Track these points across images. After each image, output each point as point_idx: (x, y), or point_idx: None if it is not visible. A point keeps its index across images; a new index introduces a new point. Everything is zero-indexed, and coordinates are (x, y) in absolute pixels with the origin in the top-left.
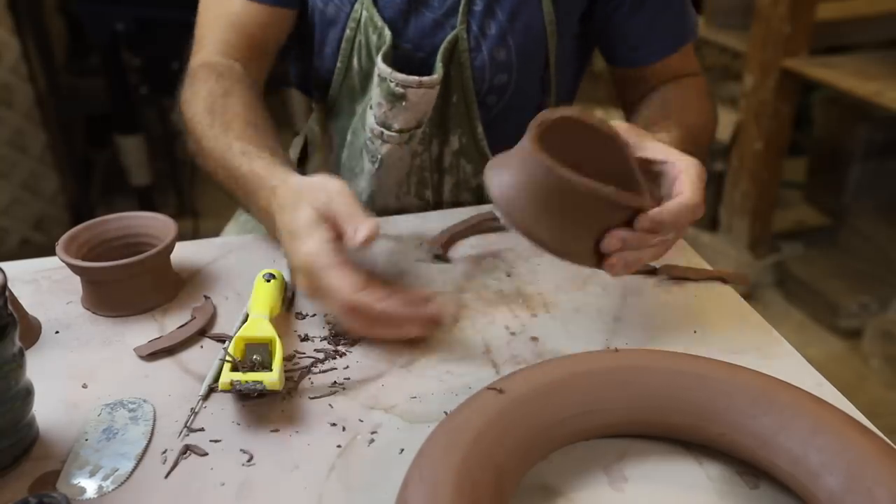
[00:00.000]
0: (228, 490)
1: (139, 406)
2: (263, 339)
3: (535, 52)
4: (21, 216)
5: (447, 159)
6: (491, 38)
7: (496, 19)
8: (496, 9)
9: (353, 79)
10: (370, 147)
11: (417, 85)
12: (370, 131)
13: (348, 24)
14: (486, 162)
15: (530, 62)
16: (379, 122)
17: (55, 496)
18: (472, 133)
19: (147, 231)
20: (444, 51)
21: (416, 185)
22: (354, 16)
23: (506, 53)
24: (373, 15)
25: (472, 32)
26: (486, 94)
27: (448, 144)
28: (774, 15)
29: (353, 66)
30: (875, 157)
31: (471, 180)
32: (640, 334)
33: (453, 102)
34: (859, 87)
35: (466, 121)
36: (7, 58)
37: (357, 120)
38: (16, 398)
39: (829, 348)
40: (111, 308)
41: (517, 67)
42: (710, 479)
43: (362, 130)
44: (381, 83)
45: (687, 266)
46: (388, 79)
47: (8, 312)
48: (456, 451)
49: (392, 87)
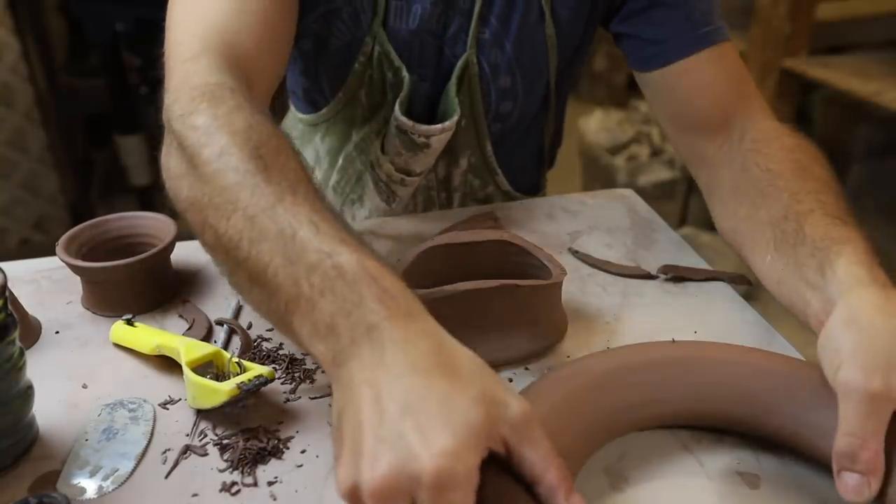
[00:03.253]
0: (228, 490)
1: (139, 406)
2: (208, 357)
3: (540, 78)
4: (21, 216)
5: (456, 179)
6: (496, 67)
7: (503, 49)
8: (503, 40)
9: (355, 109)
10: (385, 189)
11: (440, 132)
12: (387, 177)
13: (357, 58)
14: (493, 175)
15: (535, 89)
16: (399, 169)
17: (55, 496)
18: (481, 152)
19: (147, 231)
20: (457, 79)
21: (424, 204)
22: (365, 50)
23: (511, 82)
24: (389, 52)
25: (479, 59)
26: (491, 122)
27: (458, 166)
28: (774, 15)
29: (359, 99)
30: (875, 157)
31: (478, 193)
32: (641, 334)
33: (462, 127)
34: (859, 87)
35: (476, 143)
36: (7, 58)
37: (353, 148)
38: (16, 398)
39: None
40: (111, 308)
41: (522, 94)
42: (710, 479)
43: (358, 158)
44: (401, 135)
45: (687, 266)
46: (409, 131)
47: (8, 312)
48: None
49: (415, 139)
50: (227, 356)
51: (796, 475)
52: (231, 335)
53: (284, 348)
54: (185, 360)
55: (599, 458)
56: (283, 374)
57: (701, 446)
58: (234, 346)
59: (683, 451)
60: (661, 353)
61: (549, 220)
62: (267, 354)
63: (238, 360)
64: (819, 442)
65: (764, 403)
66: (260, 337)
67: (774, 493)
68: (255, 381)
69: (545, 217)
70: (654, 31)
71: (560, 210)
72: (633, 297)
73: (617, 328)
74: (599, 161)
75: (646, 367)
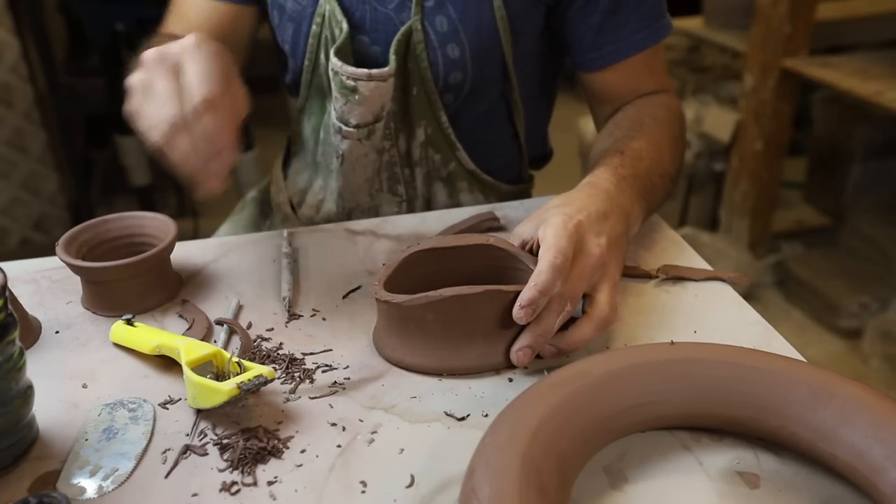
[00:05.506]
0: (228, 490)
1: (139, 406)
2: (208, 357)
3: (491, 51)
4: (21, 216)
5: (416, 152)
6: (443, 35)
7: (448, 15)
8: (447, 5)
9: (321, 76)
10: (333, 143)
11: (367, 78)
12: (332, 127)
13: (314, 20)
14: (454, 149)
15: (486, 62)
16: (338, 117)
17: (55, 496)
18: (437, 123)
19: (147, 231)
20: (398, 43)
21: (388, 181)
22: (320, 10)
23: (459, 51)
24: (335, 9)
25: (425, 27)
26: (442, 92)
27: (415, 137)
28: (774, 15)
29: (320, 63)
30: (875, 157)
31: (440, 169)
32: (641, 334)
33: (414, 95)
34: (859, 87)
35: (430, 112)
36: (7, 58)
37: (328, 117)
38: (16, 398)
39: (829, 348)
40: (111, 308)
41: (472, 66)
42: (710, 479)
43: (332, 126)
44: (335, 77)
45: (687, 266)
46: (339, 72)
47: (8, 312)
48: (519, 440)
49: (344, 81)
50: (227, 356)
51: (796, 475)
52: (231, 335)
53: (284, 348)
54: (185, 360)
55: (599, 458)
56: (282, 374)
57: (700, 446)
58: (234, 346)
59: (683, 450)
60: (660, 355)
61: None
62: (267, 354)
63: (238, 360)
64: (819, 443)
65: (763, 404)
66: (260, 337)
67: (774, 493)
68: (255, 381)
69: None
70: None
71: None
72: (632, 297)
73: (616, 328)
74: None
75: (645, 368)
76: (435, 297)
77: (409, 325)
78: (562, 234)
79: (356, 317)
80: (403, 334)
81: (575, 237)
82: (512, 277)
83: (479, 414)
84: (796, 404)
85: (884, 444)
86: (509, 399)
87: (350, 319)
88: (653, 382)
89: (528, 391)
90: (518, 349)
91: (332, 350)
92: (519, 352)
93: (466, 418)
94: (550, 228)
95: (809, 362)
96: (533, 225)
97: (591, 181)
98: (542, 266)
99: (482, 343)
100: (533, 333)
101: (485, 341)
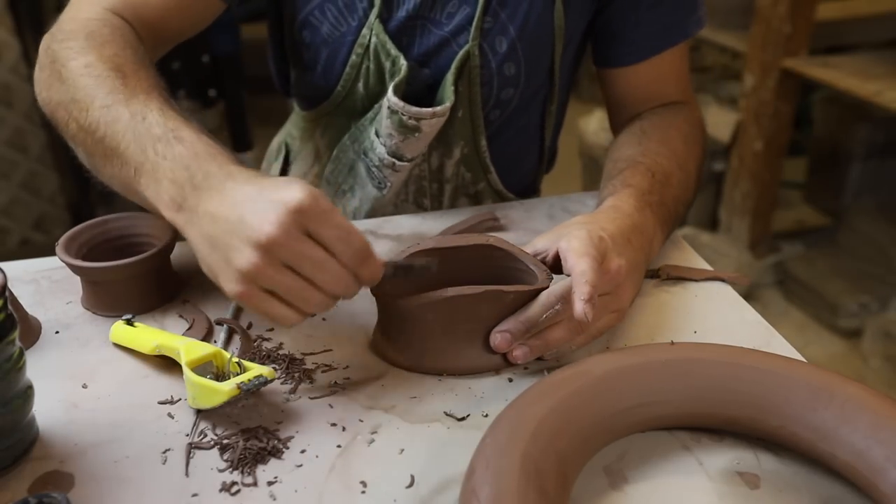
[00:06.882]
0: (228, 490)
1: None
2: (208, 357)
3: (543, 62)
4: (21, 216)
5: (448, 170)
6: (502, 55)
7: (507, 35)
8: (508, 25)
9: (354, 101)
10: (377, 175)
11: (431, 116)
12: (379, 161)
13: (354, 50)
14: (486, 172)
15: (537, 74)
16: (390, 153)
17: (55, 496)
18: (474, 144)
19: (147, 231)
20: (455, 70)
21: (415, 194)
22: (362, 41)
23: (515, 68)
24: (385, 42)
25: (483, 49)
26: (491, 109)
27: (451, 157)
28: (774, 15)
29: (356, 91)
30: (875, 157)
31: (469, 187)
32: (641, 334)
33: (458, 117)
34: (859, 87)
35: (470, 133)
36: (7, 58)
37: (347, 138)
38: (16, 398)
39: (829, 348)
40: (111, 308)
41: (524, 80)
42: (710, 479)
43: (351, 147)
44: (392, 115)
45: (687, 266)
46: (400, 112)
47: (8, 312)
48: (519, 440)
49: (405, 120)
50: (227, 356)
51: (796, 475)
52: (231, 335)
53: (284, 348)
54: (185, 360)
55: (599, 458)
56: (282, 374)
57: (700, 446)
58: (234, 346)
59: (683, 450)
60: (660, 355)
61: (549, 220)
62: (267, 354)
63: (238, 360)
64: (819, 443)
65: (763, 404)
66: (260, 337)
67: (774, 493)
68: (255, 381)
69: (545, 217)
70: (629, 25)
71: (560, 210)
72: None
73: (616, 329)
74: (599, 161)
75: (645, 368)
76: (435, 297)
77: (409, 325)
78: (589, 244)
79: (356, 317)
80: (403, 334)
81: (600, 249)
82: (512, 277)
83: (479, 414)
84: (796, 404)
85: (884, 444)
86: (509, 399)
87: (350, 319)
88: (653, 382)
89: (528, 391)
90: (498, 331)
91: (331, 350)
92: (498, 334)
93: (466, 418)
94: (576, 240)
95: (809, 362)
96: (551, 238)
97: (616, 205)
98: (583, 266)
99: (482, 343)
100: (516, 320)
101: (485, 341)
